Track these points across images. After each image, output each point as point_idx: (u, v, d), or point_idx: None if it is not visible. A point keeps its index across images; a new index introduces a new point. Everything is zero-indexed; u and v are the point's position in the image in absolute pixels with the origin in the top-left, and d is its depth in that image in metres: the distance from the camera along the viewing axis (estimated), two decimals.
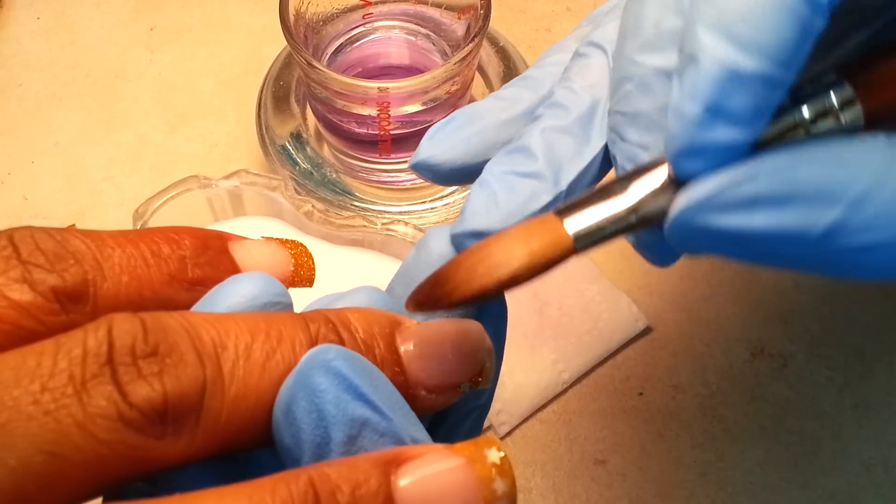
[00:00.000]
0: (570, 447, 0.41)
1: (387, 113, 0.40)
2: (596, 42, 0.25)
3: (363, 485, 0.17)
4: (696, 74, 0.19)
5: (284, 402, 0.18)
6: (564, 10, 0.53)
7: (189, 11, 0.53)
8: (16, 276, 0.19)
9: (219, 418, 0.18)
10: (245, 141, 0.48)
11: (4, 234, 0.19)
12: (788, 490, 0.40)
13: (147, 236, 0.21)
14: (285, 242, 0.24)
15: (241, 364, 0.18)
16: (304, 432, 0.18)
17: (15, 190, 0.47)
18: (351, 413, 0.18)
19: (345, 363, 0.18)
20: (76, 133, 0.49)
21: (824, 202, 0.18)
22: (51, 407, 0.17)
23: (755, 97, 0.19)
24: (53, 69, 0.51)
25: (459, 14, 0.42)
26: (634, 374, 0.42)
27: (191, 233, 0.22)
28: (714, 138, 0.19)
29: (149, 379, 0.17)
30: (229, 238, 0.23)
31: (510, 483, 0.18)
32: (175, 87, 0.50)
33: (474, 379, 0.21)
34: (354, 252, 0.40)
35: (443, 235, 0.23)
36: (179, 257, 0.21)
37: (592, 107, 0.24)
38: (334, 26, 0.44)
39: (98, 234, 0.20)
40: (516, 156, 0.24)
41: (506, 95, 0.27)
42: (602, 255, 0.45)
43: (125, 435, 0.17)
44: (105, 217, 0.46)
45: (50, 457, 0.16)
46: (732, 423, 0.41)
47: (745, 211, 0.19)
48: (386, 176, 0.45)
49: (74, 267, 0.19)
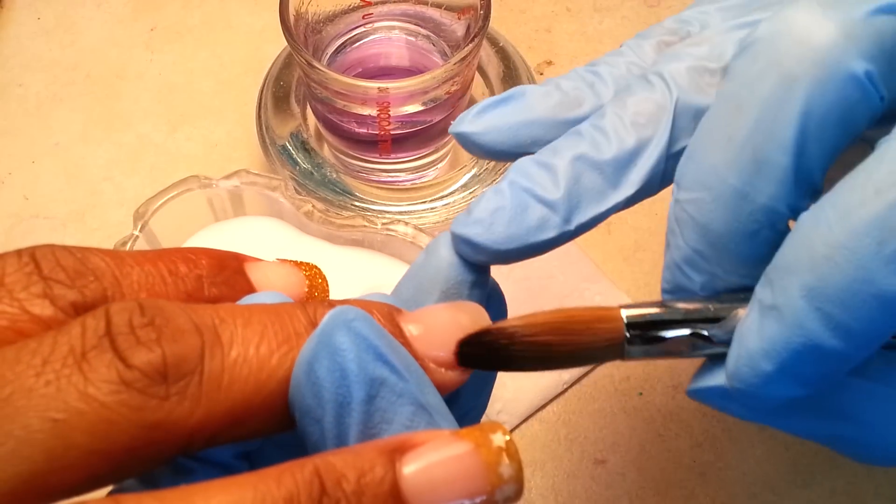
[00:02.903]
0: (570, 447, 0.41)
1: (387, 113, 0.40)
2: (665, 77, 0.24)
3: (368, 472, 0.17)
4: (779, 334, 0.20)
5: (306, 361, 0.19)
6: (564, 10, 0.53)
7: (189, 12, 0.53)
8: (37, 292, 0.19)
9: (221, 380, 0.18)
10: (245, 141, 0.48)
11: (26, 252, 0.20)
12: (788, 490, 0.40)
13: (165, 256, 0.21)
14: (300, 265, 0.24)
15: (239, 332, 0.19)
16: (326, 390, 0.18)
17: (15, 190, 0.47)
18: (371, 372, 0.18)
19: (364, 324, 0.19)
20: (77, 133, 0.49)
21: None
22: (52, 377, 0.17)
23: (828, 368, 0.20)
24: (54, 69, 0.51)
25: (459, 14, 0.42)
26: (634, 374, 0.42)
27: (208, 253, 0.22)
28: (778, 393, 0.21)
29: (147, 344, 0.18)
30: (245, 259, 0.23)
31: (517, 467, 0.18)
32: (175, 88, 0.50)
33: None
34: (354, 252, 0.40)
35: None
36: (196, 276, 0.21)
37: (634, 151, 0.24)
38: (334, 26, 0.44)
39: (117, 253, 0.21)
40: (542, 174, 0.23)
41: (569, 90, 0.26)
42: (602, 255, 0.45)
43: (127, 396, 0.17)
44: (105, 217, 0.46)
45: (54, 423, 0.17)
46: (732, 423, 0.41)
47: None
48: (386, 176, 0.45)
49: (94, 283, 0.20)
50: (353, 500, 0.17)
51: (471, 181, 0.43)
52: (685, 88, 0.24)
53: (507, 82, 0.46)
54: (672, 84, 0.24)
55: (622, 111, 0.24)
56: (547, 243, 0.23)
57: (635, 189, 0.24)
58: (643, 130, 0.24)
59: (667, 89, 0.24)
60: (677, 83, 0.24)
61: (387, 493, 0.17)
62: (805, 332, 0.19)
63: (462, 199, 0.43)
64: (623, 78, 0.26)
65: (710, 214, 0.22)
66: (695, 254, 0.23)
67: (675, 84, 0.24)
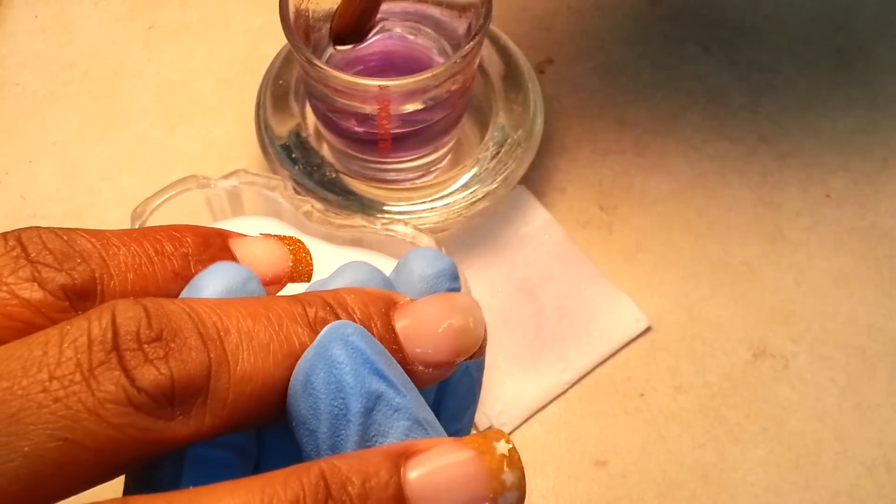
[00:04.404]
0: (571, 448, 0.40)
1: (387, 111, 0.39)
2: None
3: (373, 477, 0.17)
4: None
5: (303, 373, 0.19)
6: (565, 8, 0.53)
7: (188, 10, 0.53)
8: (25, 276, 0.19)
9: (226, 399, 0.18)
10: (244, 140, 0.48)
11: (12, 235, 0.20)
12: (790, 491, 0.39)
13: (150, 235, 0.21)
14: (283, 239, 0.24)
15: (244, 346, 0.19)
16: (322, 402, 0.19)
17: (13, 189, 0.47)
18: (368, 386, 0.19)
19: (361, 338, 0.19)
20: (74, 132, 0.48)
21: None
22: (60, 394, 0.17)
23: None
24: (51, 68, 0.50)
25: (460, 12, 0.42)
26: (635, 374, 0.42)
27: (192, 230, 0.22)
28: None
29: (155, 363, 0.18)
30: (229, 235, 0.23)
31: (519, 474, 0.18)
32: (173, 86, 0.50)
33: (469, 354, 0.21)
34: (354, 252, 0.39)
35: (423, 256, 0.23)
36: (182, 255, 0.22)
37: None
38: None
39: (103, 233, 0.21)
40: None
41: None
42: (603, 255, 0.45)
43: (136, 418, 0.17)
44: (103, 217, 0.46)
45: (64, 443, 0.17)
46: (734, 424, 0.41)
47: None
48: (386, 176, 0.44)
49: (82, 265, 0.20)
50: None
51: (471, 181, 0.43)
52: None
53: (508, 81, 0.46)
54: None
55: None
56: None
57: None
58: None
59: None
60: None
61: (391, 498, 0.17)
62: None
63: (462, 199, 0.43)
64: None
65: None
66: None
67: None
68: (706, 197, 0.46)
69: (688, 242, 0.45)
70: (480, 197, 0.43)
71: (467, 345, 0.21)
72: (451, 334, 0.21)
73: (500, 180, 0.43)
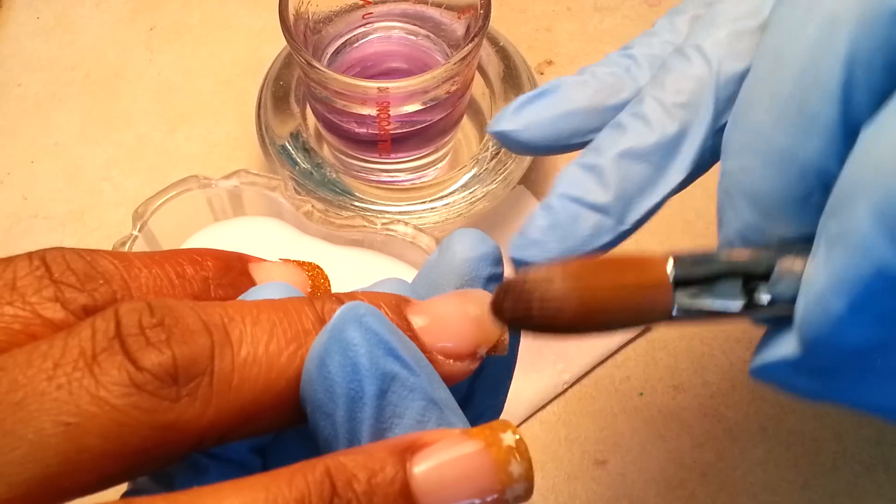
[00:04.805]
0: (570, 448, 0.41)
1: (387, 113, 0.40)
2: (703, 49, 0.23)
3: (379, 472, 0.17)
4: (847, 264, 0.17)
5: (318, 356, 0.19)
6: (565, 9, 0.53)
7: (189, 11, 0.53)
8: (48, 296, 0.19)
9: (231, 380, 0.18)
10: (245, 141, 0.48)
11: (37, 255, 0.20)
12: (789, 490, 0.39)
13: (172, 258, 0.22)
14: (303, 264, 0.24)
15: (248, 330, 0.19)
16: (338, 385, 0.18)
17: (14, 190, 0.47)
18: (382, 367, 0.19)
19: (374, 319, 0.19)
20: (76, 133, 0.49)
21: None
22: (63, 381, 0.17)
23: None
24: (53, 69, 0.51)
25: (459, 14, 0.42)
26: (635, 374, 0.42)
27: (213, 254, 0.22)
28: (853, 338, 0.18)
29: (157, 345, 0.18)
30: (249, 260, 0.23)
31: (527, 465, 0.18)
32: (175, 87, 0.50)
33: (491, 345, 0.21)
34: (354, 252, 0.39)
35: (467, 239, 0.23)
36: (203, 278, 0.22)
37: (679, 135, 0.23)
38: (334, 26, 0.44)
39: (126, 255, 0.21)
40: (589, 178, 0.23)
41: (604, 77, 0.25)
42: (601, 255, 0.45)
43: (139, 399, 0.17)
44: (104, 217, 0.46)
45: (66, 427, 0.17)
46: (733, 424, 0.41)
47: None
48: (386, 176, 0.44)
49: (104, 287, 0.20)
50: (364, 501, 0.17)
51: (471, 181, 0.43)
52: (725, 57, 0.22)
53: (508, 82, 0.46)
54: (710, 55, 0.22)
55: (661, 93, 0.23)
56: (605, 247, 0.23)
57: (686, 173, 0.23)
58: (685, 110, 0.23)
59: (705, 62, 0.23)
60: (716, 53, 0.22)
61: (397, 493, 0.17)
62: (877, 258, 0.16)
63: (462, 199, 0.43)
64: (659, 58, 0.25)
65: (760, 181, 0.20)
66: (747, 227, 0.21)
67: (714, 54, 0.22)
68: (706, 197, 0.47)
69: (688, 242, 0.46)
70: (480, 197, 0.43)
71: (487, 333, 0.21)
72: (469, 323, 0.21)
73: (500, 180, 0.43)
